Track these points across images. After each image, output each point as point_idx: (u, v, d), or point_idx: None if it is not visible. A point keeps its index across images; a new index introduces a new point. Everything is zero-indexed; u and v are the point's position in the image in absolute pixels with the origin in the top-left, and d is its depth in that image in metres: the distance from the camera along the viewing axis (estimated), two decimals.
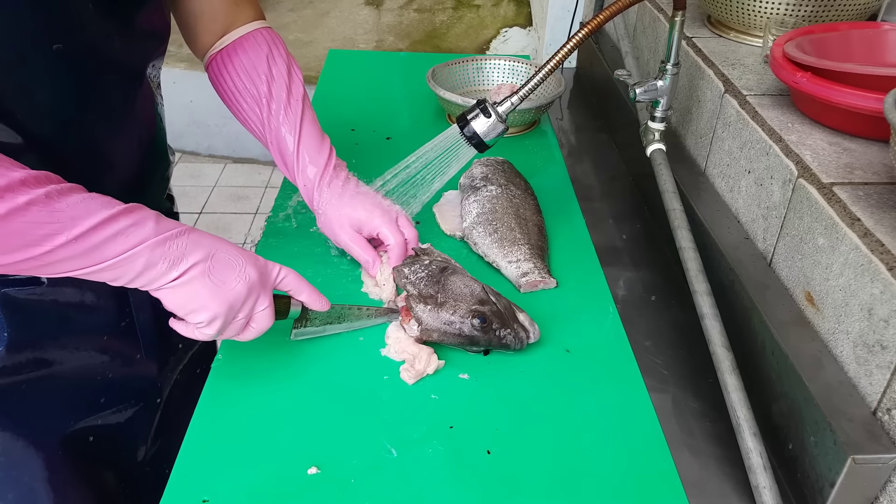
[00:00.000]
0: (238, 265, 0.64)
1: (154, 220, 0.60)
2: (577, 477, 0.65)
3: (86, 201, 0.57)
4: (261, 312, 0.67)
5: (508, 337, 0.75)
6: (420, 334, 0.76)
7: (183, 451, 0.66)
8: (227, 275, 0.63)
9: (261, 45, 0.81)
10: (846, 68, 0.75)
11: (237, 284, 0.64)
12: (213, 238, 0.64)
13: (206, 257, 0.62)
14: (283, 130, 0.81)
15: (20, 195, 0.53)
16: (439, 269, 0.80)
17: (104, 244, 0.57)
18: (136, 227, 0.59)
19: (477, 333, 0.75)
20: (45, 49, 0.61)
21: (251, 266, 0.65)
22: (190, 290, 0.62)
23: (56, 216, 0.55)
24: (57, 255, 0.56)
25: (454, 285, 0.78)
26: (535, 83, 0.78)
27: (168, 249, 0.60)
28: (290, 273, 0.70)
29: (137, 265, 0.59)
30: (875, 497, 0.62)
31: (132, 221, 0.59)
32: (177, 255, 0.61)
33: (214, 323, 0.64)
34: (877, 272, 0.60)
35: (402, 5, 3.41)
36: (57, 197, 0.55)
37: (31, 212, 0.54)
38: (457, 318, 0.75)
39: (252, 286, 0.65)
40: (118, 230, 0.58)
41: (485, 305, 0.75)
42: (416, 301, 0.77)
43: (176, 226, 0.62)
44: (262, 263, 0.67)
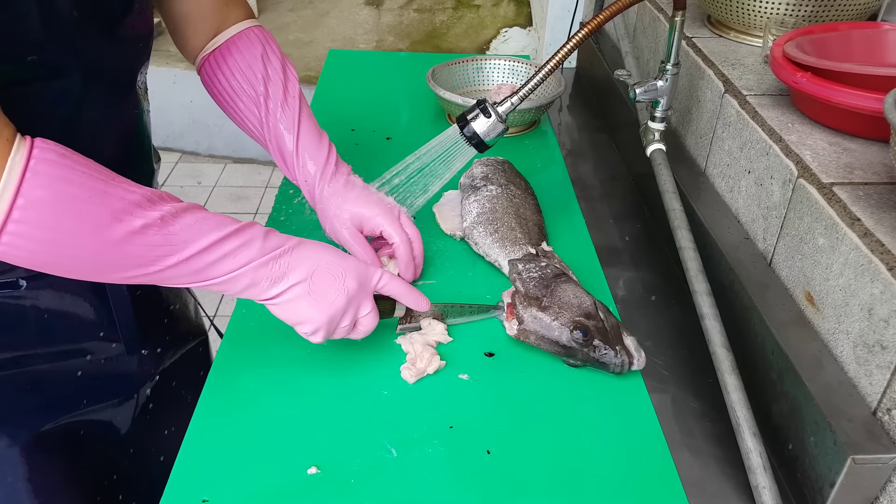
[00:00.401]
0: (338, 278, 0.67)
1: (262, 240, 0.64)
2: (577, 477, 0.65)
3: (199, 223, 0.60)
4: (365, 317, 0.71)
5: (609, 355, 0.73)
6: (518, 333, 0.76)
7: (183, 451, 0.66)
8: (327, 290, 0.67)
9: (254, 44, 0.81)
10: (846, 68, 0.75)
11: (337, 298, 0.67)
12: (317, 251, 0.68)
13: (307, 276, 0.66)
14: (282, 129, 0.81)
15: (136, 218, 0.57)
16: (553, 273, 0.79)
17: (212, 265, 0.61)
18: (244, 248, 0.62)
19: (576, 346, 0.73)
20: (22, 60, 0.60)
21: (351, 277, 0.68)
22: (292, 305, 0.66)
23: (170, 238, 0.58)
24: (168, 273, 0.60)
25: (563, 293, 0.76)
26: (535, 83, 0.78)
27: (270, 270, 0.64)
28: (392, 279, 0.73)
29: (242, 283, 0.63)
30: (875, 497, 0.62)
31: (241, 242, 0.62)
32: (278, 275, 0.65)
33: (318, 333, 0.68)
34: (877, 272, 0.60)
35: (402, 5, 3.41)
36: (171, 220, 0.59)
37: (146, 234, 0.57)
38: (557, 325, 0.74)
39: (351, 297, 0.68)
40: (227, 252, 0.61)
41: (590, 320, 0.74)
42: (520, 299, 0.76)
43: (283, 243, 0.65)
44: (363, 271, 0.70)
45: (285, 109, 0.80)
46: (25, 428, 0.76)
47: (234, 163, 3.12)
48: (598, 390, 0.74)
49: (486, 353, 0.78)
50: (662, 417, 0.72)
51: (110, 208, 0.56)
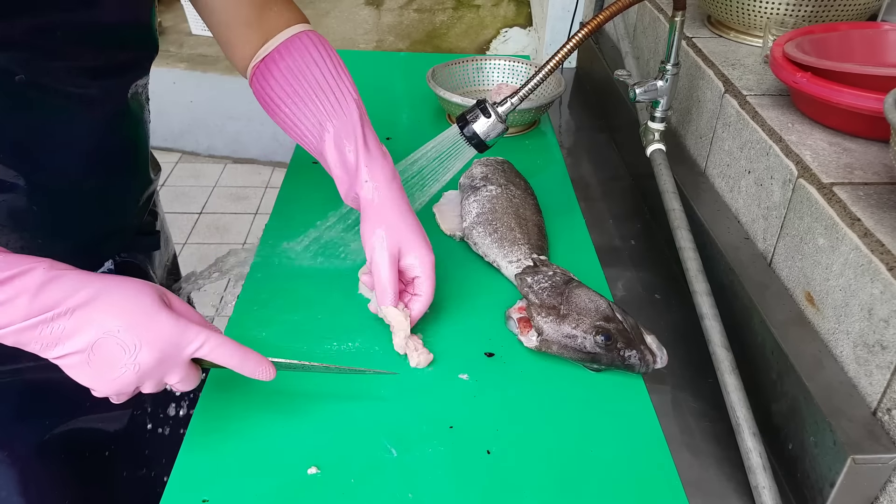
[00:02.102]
0: (127, 352, 0.55)
1: (30, 297, 0.52)
2: (577, 477, 0.65)
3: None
4: (177, 384, 0.60)
5: (633, 358, 0.72)
6: (539, 345, 0.75)
7: (183, 451, 0.66)
8: (110, 366, 0.55)
9: (310, 50, 0.75)
10: (846, 68, 0.75)
11: (123, 374, 0.56)
12: (110, 314, 0.54)
13: (86, 347, 0.54)
14: (344, 134, 0.74)
15: None
16: (563, 280, 0.79)
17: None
18: (5, 306, 0.51)
19: (600, 351, 0.73)
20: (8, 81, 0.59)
21: (148, 351, 0.55)
22: (72, 372, 0.56)
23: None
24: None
25: (579, 298, 0.76)
26: (535, 83, 0.78)
27: (40, 334, 0.53)
28: (217, 345, 0.59)
29: (7, 341, 0.53)
30: (875, 497, 0.62)
31: (3, 298, 0.51)
32: (49, 341, 0.53)
33: (115, 398, 0.59)
34: (877, 272, 0.60)
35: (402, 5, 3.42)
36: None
37: None
38: (579, 332, 0.73)
39: (144, 373, 0.56)
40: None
41: (610, 323, 0.73)
42: (537, 311, 0.76)
43: (62, 301, 0.53)
44: (170, 342, 0.57)
45: (345, 119, 0.74)
46: (20, 440, 0.76)
47: (234, 163, 3.12)
48: (598, 390, 0.74)
49: (486, 354, 0.78)
50: (662, 417, 0.72)
51: None
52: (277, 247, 0.93)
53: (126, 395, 0.59)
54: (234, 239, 2.63)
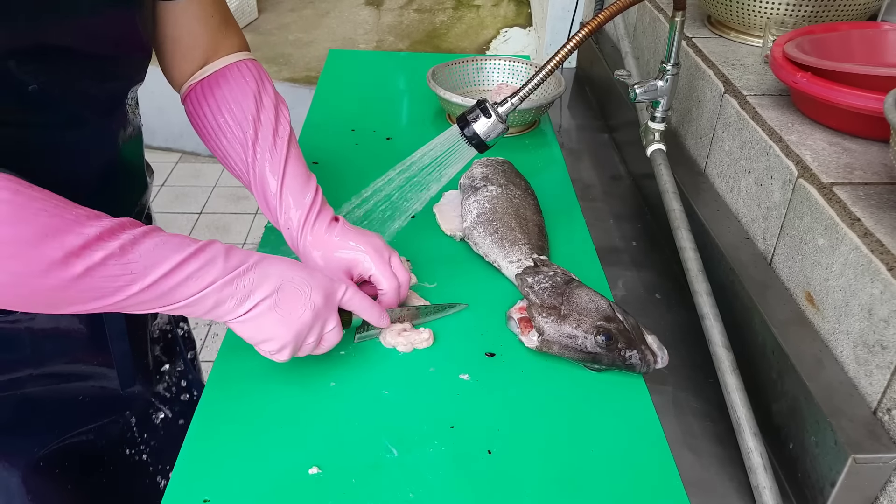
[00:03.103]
0: (304, 293, 0.65)
1: (223, 258, 0.61)
2: (578, 477, 0.65)
3: (158, 247, 0.58)
4: (330, 332, 0.69)
5: (634, 358, 0.73)
6: (540, 345, 0.75)
7: (183, 451, 0.67)
8: (294, 305, 0.65)
9: (247, 79, 0.76)
10: (846, 68, 0.75)
11: (304, 313, 0.65)
12: (281, 266, 0.65)
13: (273, 291, 0.64)
14: (268, 174, 0.76)
15: (96, 251, 0.54)
16: (564, 280, 0.79)
17: (175, 289, 0.59)
18: (206, 268, 0.60)
19: (601, 351, 0.73)
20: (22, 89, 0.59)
21: (317, 292, 0.66)
22: (258, 323, 0.64)
23: (130, 267, 0.56)
24: (130, 300, 0.57)
25: (579, 298, 0.76)
26: (536, 83, 0.78)
27: (236, 288, 0.62)
28: (355, 294, 0.71)
29: (207, 304, 0.61)
30: (875, 497, 0.62)
31: (201, 263, 0.60)
32: (244, 293, 0.62)
33: (284, 350, 0.66)
34: (877, 272, 0.60)
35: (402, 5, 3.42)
36: (130, 248, 0.56)
37: (106, 266, 0.55)
38: (580, 332, 0.73)
39: (318, 312, 0.67)
40: (188, 274, 0.59)
41: (611, 323, 0.73)
42: (538, 311, 0.76)
43: (245, 259, 0.63)
44: (328, 285, 0.68)
45: (273, 154, 0.76)
46: (22, 453, 0.76)
47: None
48: (598, 390, 0.74)
49: (486, 354, 0.78)
50: (663, 417, 0.72)
51: (68, 245, 0.53)
52: (277, 248, 0.93)
53: (302, 338, 0.66)
54: (234, 239, 2.63)
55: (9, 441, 0.76)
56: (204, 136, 0.79)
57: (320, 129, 1.24)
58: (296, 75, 2.94)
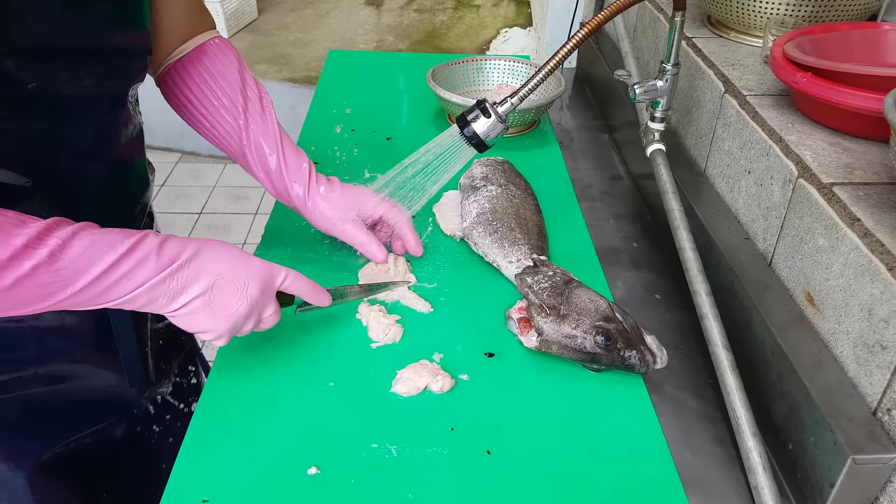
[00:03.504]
0: (239, 287, 0.65)
1: (156, 256, 0.61)
2: (577, 477, 0.65)
3: (88, 250, 0.57)
4: (268, 317, 0.70)
5: (633, 358, 0.72)
6: (539, 345, 0.75)
7: (183, 451, 0.66)
8: (229, 301, 0.65)
9: (227, 55, 0.80)
10: (846, 68, 0.75)
11: (238, 307, 0.66)
12: (218, 258, 0.65)
13: (207, 288, 0.64)
14: (263, 144, 0.80)
15: (25, 261, 0.53)
16: (563, 280, 0.79)
17: (108, 290, 0.59)
18: (138, 268, 0.60)
19: (600, 351, 0.73)
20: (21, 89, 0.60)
21: (254, 284, 0.67)
22: (192, 318, 0.65)
23: (60, 274, 0.55)
24: (61, 305, 0.57)
25: (579, 299, 0.76)
26: (535, 83, 0.78)
27: (168, 287, 0.62)
28: (295, 278, 0.72)
29: (140, 301, 0.61)
30: (875, 497, 0.62)
31: (134, 262, 0.59)
32: (176, 290, 0.62)
33: (221, 339, 0.67)
34: (877, 272, 0.60)
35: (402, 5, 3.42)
36: (59, 253, 0.55)
37: (35, 275, 0.54)
38: (579, 332, 0.73)
39: (254, 304, 0.67)
40: (119, 275, 0.59)
41: (610, 323, 0.73)
42: (537, 311, 0.76)
43: (179, 254, 0.62)
44: (266, 275, 0.68)
45: (265, 123, 0.80)
46: (28, 454, 0.77)
47: (234, 163, 3.12)
48: (597, 390, 0.74)
49: (486, 354, 0.78)
50: (662, 417, 0.72)
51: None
52: (277, 248, 0.93)
53: (238, 329, 0.68)
54: (235, 239, 2.63)
55: (15, 443, 0.76)
56: (187, 111, 0.81)
57: (320, 129, 1.24)
58: (296, 75, 2.94)
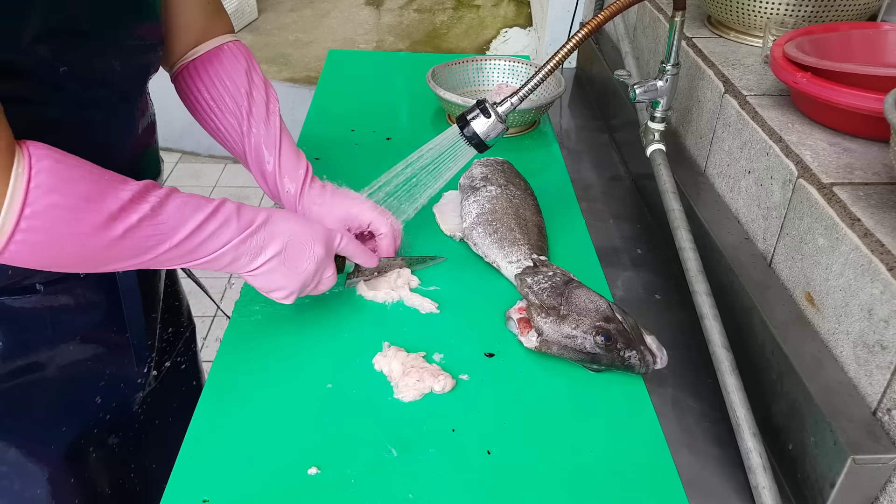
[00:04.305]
0: (308, 247, 0.72)
1: (237, 218, 0.67)
2: (577, 477, 0.65)
3: (181, 208, 0.63)
4: (327, 277, 0.76)
5: (633, 358, 0.73)
6: (539, 345, 0.75)
7: (183, 451, 0.66)
8: (299, 259, 0.72)
9: (238, 59, 0.82)
10: (846, 68, 0.75)
11: (308, 265, 0.72)
12: (288, 222, 0.71)
13: (282, 248, 0.70)
14: (263, 147, 0.82)
15: (132, 214, 0.59)
16: (563, 281, 0.79)
17: (199, 247, 0.65)
18: (223, 227, 0.66)
19: (600, 351, 0.73)
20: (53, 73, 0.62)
21: (319, 244, 0.73)
22: (269, 276, 0.71)
23: (160, 227, 0.61)
24: (161, 258, 0.63)
25: (578, 299, 0.76)
26: (535, 83, 0.78)
27: (249, 245, 0.68)
28: (350, 240, 0.79)
29: (226, 259, 0.67)
30: (875, 497, 0.62)
31: (219, 223, 0.65)
32: (256, 250, 0.69)
33: (291, 297, 0.74)
34: (877, 272, 0.60)
35: (402, 5, 3.42)
36: (159, 209, 0.61)
37: (142, 227, 0.60)
38: (579, 332, 0.73)
39: (320, 262, 0.74)
40: (209, 233, 0.65)
41: (610, 323, 0.73)
42: (537, 311, 0.76)
43: (255, 217, 0.69)
44: (328, 235, 0.75)
45: (268, 127, 0.82)
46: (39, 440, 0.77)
47: (234, 163, 3.12)
48: (598, 390, 0.74)
49: (486, 354, 0.78)
50: (662, 417, 0.72)
51: (108, 208, 0.58)
52: None
53: (306, 285, 0.74)
54: None
55: (30, 433, 0.76)
56: (196, 110, 0.84)
57: (320, 129, 1.24)
58: (296, 75, 2.94)
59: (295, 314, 0.82)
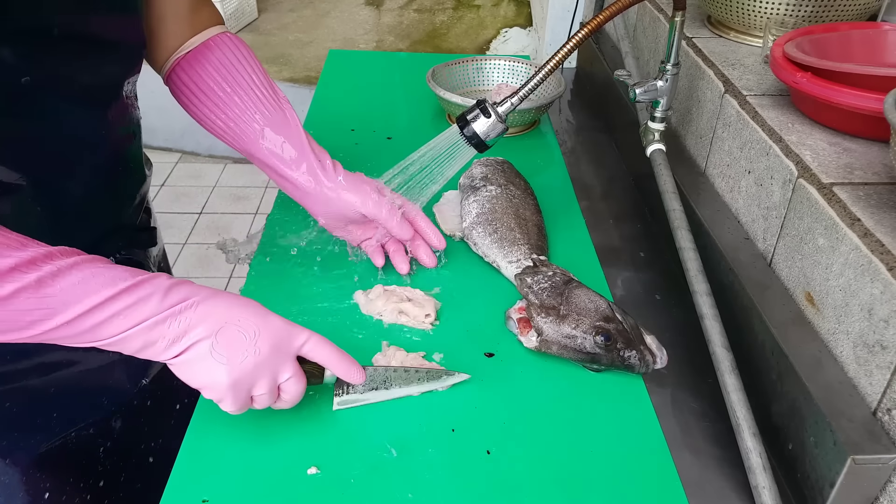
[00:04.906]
0: (248, 338, 0.60)
1: (161, 296, 0.57)
2: (577, 477, 0.65)
3: (86, 281, 0.54)
4: (286, 382, 0.63)
5: (633, 358, 0.73)
6: (539, 345, 0.75)
7: (183, 451, 0.66)
8: (233, 350, 0.59)
9: (232, 49, 0.78)
10: (846, 68, 0.75)
11: (244, 360, 0.59)
12: (230, 305, 0.60)
13: (212, 333, 0.58)
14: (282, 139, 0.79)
15: (8, 283, 0.51)
16: (563, 281, 0.79)
17: (99, 326, 0.55)
18: (138, 305, 0.56)
19: (599, 351, 0.73)
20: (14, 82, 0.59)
21: (265, 336, 0.61)
22: (191, 367, 0.59)
23: (45, 302, 0.53)
24: (47, 336, 0.54)
25: (578, 299, 0.76)
26: (535, 83, 0.78)
27: (168, 328, 0.57)
28: (319, 343, 0.65)
29: (136, 344, 0.57)
30: (875, 497, 0.62)
31: (135, 299, 0.56)
32: (177, 334, 0.57)
33: (225, 401, 0.61)
34: (877, 272, 0.60)
35: (402, 5, 3.42)
36: (51, 281, 0.53)
37: (18, 299, 0.52)
38: (579, 332, 0.73)
39: (263, 361, 0.60)
40: (116, 311, 0.55)
41: (610, 323, 0.73)
42: (537, 311, 0.76)
43: (187, 297, 0.58)
44: (282, 332, 0.62)
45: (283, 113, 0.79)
46: (23, 450, 0.76)
47: (234, 163, 3.12)
48: (598, 390, 0.74)
49: (486, 354, 0.78)
50: (662, 417, 0.72)
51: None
52: (278, 246, 0.93)
53: (244, 388, 0.61)
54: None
55: (11, 438, 0.76)
56: (194, 108, 0.80)
57: (320, 129, 1.24)
58: (296, 75, 2.94)
59: (297, 316, 0.82)
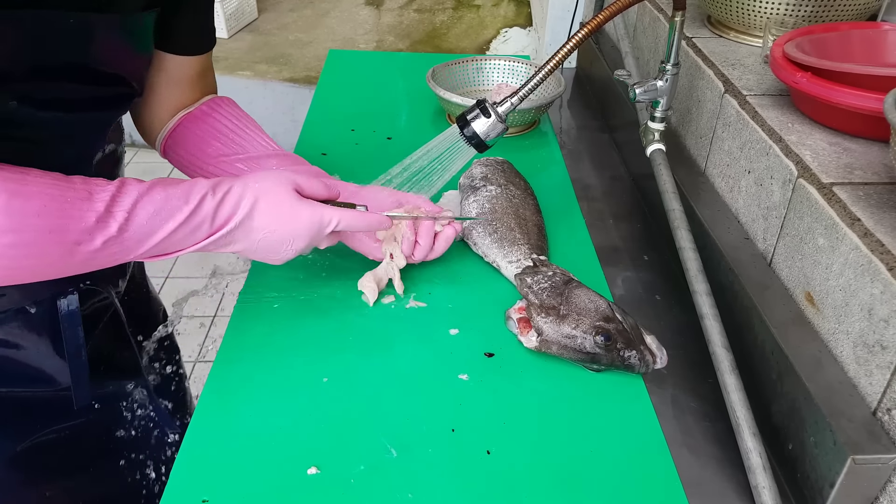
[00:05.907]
0: (285, 244, 0.71)
1: (210, 220, 0.66)
2: (577, 477, 0.65)
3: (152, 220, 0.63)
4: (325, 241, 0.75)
5: (633, 358, 0.73)
6: (539, 345, 0.75)
7: (183, 451, 0.66)
8: (274, 252, 0.71)
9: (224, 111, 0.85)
10: (846, 68, 0.75)
11: (284, 255, 0.72)
12: (266, 214, 0.69)
13: (253, 245, 0.70)
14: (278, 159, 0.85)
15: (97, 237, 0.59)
16: (563, 280, 0.79)
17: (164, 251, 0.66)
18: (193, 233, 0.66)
19: (599, 351, 0.73)
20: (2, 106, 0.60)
21: (300, 240, 0.71)
22: (243, 256, 0.72)
23: (125, 245, 0.62)
24: (122, 261, 0.63)
25: (578, 299, 0.76)
26: (535, 83, 0.78)
27: (217, 245, 0.68)
28: (348, 220, 0.73)
29: (193, 255, 0.68)
30: (875, 497, 0.62)
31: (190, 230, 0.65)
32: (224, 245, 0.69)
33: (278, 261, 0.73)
34: (877, 272, 0.60)
35: (402, 5, 3.42)
36: (126, 226, 0.61)
37: (106, 248, 0.60)
38: (579, 332, 0.73)
39: (302, 250, 0.72)
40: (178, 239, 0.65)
41: (610, 323, 0.73)
42: (536, 311, 0.76)
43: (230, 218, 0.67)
44: (313, 229, 0.71)
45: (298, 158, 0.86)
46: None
47: None
48: (598, 390, 0.74)
49: (486, 354, 0.78)
50: (662, 417, 0.72)
51: (71, 235, 0.58)
52: None
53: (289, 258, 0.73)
54: None
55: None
56: (194, 168, 0.84)
57: (320, 129, 1.24)
58: (296, 75, 2.94)
59: (295, 315, 0.82)
